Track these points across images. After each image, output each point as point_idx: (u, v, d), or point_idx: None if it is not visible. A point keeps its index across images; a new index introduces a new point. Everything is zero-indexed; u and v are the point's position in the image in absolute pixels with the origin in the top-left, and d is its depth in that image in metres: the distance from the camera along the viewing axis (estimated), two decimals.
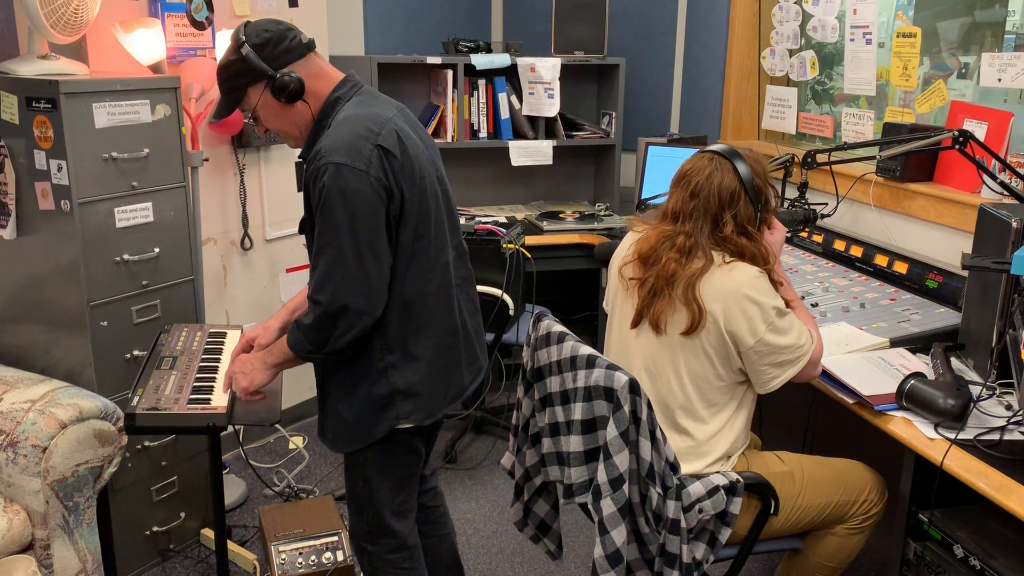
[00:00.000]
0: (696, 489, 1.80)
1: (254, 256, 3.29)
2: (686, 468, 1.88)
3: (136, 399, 1.92)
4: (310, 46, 1.84)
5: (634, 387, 1.68)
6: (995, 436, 1.75)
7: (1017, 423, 1.78)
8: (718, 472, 1.88)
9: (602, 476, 1.69)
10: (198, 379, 2.05)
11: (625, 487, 1.69)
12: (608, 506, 1.69)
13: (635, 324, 1.94)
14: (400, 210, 1.75)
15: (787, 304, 1.91)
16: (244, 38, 1.77)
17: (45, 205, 2.30)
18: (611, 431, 1.68)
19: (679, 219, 1.92)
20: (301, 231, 1.88)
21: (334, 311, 1.70)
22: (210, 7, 2.69)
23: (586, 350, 1.79)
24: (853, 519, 1.99)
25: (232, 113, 1.86)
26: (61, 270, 2.33)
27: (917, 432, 1.79)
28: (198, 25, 2.68)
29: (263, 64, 1.76)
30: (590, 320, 4.09)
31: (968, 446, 1.72)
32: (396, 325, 1.80)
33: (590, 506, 1.73)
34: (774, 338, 1.83)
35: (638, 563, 1.79)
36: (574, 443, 1.77)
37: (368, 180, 1.68)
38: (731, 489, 1.83)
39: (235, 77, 1.79)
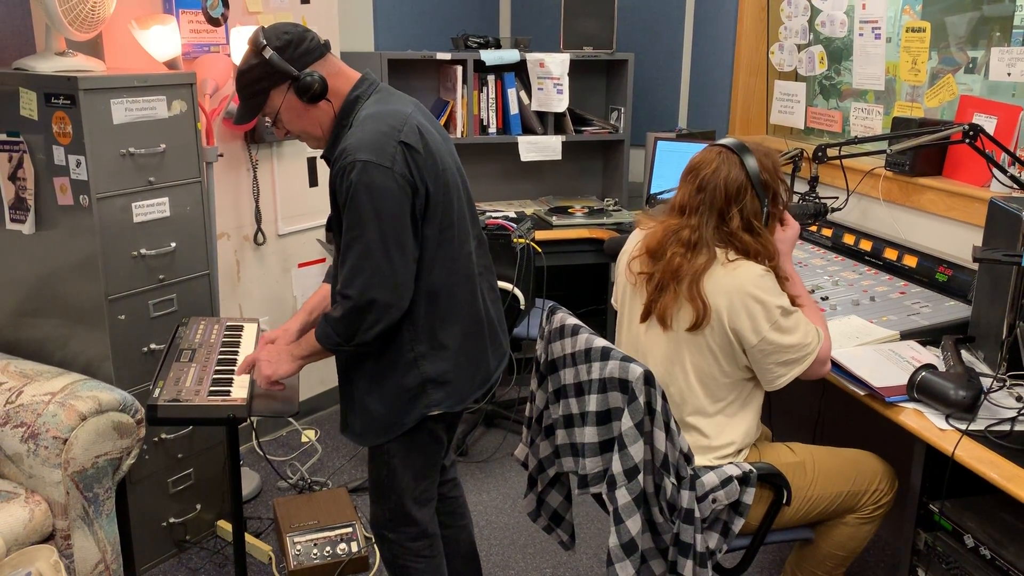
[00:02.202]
0: (710, 479, 1.82)
1: (267, 251, 3.32)
2: (696, 462, 1.90)
3: (157, 391, 1.95)
4: (327, 46, 1.87)
5: (649, 379, 1.70)
6: (1006, 427, 1.77)
7: None
8: (731, 463, 1.90)
9: (617, 467, 1.72)
10: (217, 371, 2.08)
11: (640, 477, 1.71)
12: (623, 496, 1.71)
13: (644, 319, 1.96)
14: (425, 204, 1.78)
15: (794, 301, 1.91)
16: (264, 41, 1.79)
17: (64, 200, 2.33)
18: (626, 422, 1.70)
19: (685, 213, 1.92)
20: (329, 228, 1.91)
21: (363, 305, 1.73)
22: (225, 3, 2.71)
23: (600, 342, 1.81)
24: (864, 508, 2.01)
25: (254, 118, 1.88)
26: (79, 264, 2.36)
27: (928, 423, 1.81)
28: (214, 22, 2.71)
29: (287, 65, 1.78)
30: (597, 314, 4.11)
31: (979, 437, 1.74)
32: (424, 315, 1.83)
33: (604, 496, 1.75)
34: (778, 337, 1.84)
35: (652, 552, 1.81)
36: (588, 434, 1.79)
37: (393, 176, 1.71)
38: (744, 479, 1.85)
39: (257, 81, 1.82)
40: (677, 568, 1.78)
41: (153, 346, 2.49)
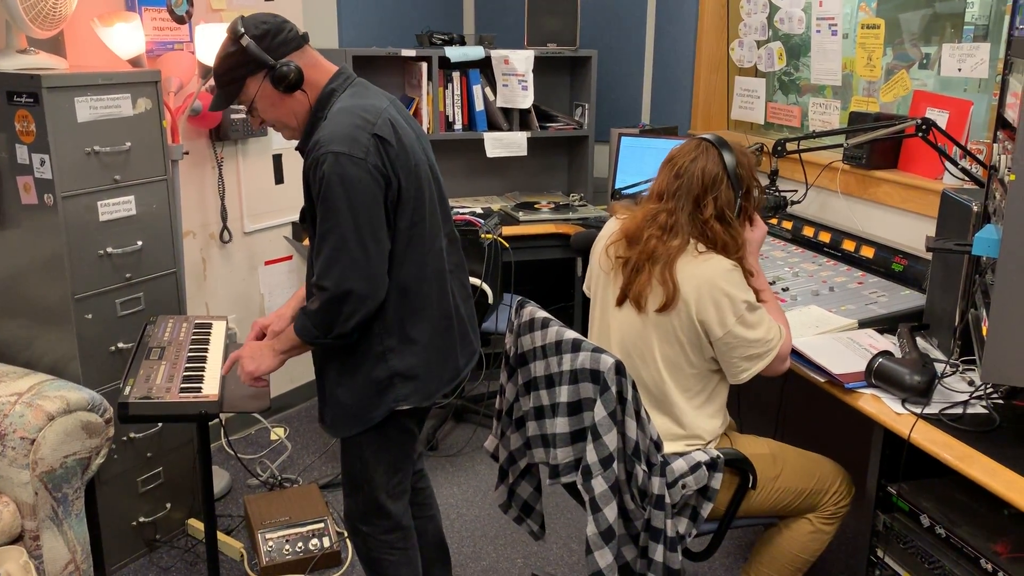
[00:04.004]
0: (679, 466, 1.87)
1: (233, 249, 3.30)
2: (666, 449, 1.94)
3: (128, 388, 1.95)
4: (305, 38, 1.88)
5: (620, 369, 1.73)
6: (959, 410, 1.83)
7: (979, 397, 1.87)
8: (699, 449, 1.95)
9: (592, 456, 1.75)
10: (188, 368, 2.08)
11: (615, 465, 1.75)
12: (599, 485, 1.75)
13: (620, 302, 2.00)
14: (397, 197, 1.80)
15: (758, 296, 1.97)
16: (243, 30, 1.80)
17: (27, 199, 2.30)
18: (599, 412, 1.73)
19: (663, 198, 1.98)
20: (303, 220, 1.92)
21: (339, 296, 1.75)
22: (190, 1, 2.69)
23: (571, 334, 1.85)
24: (825, 508, 2.06)
25: (230, 105, 1.89)
26: (44, 264, 2.34)
27: (885, 407, 1.87)
28: (179, 19, 2.69)
29: (263, 54, 1.79)
30: (564, 308, 4.15)
31: (933, 420, 1.81)
32: (394, 310, 1.85)
33: (579, 486, 1.79)
34: (743, 331, 1.90)
35: (624, 539, 1.84)
36: (560, 425, 1.82)
37: (367, 168, 1.73)
38: (712, 465, 1.90)
39: (234, 69, 1.82)
40: (648, 553, 1.83)
41: (120, 345, 2.48)
